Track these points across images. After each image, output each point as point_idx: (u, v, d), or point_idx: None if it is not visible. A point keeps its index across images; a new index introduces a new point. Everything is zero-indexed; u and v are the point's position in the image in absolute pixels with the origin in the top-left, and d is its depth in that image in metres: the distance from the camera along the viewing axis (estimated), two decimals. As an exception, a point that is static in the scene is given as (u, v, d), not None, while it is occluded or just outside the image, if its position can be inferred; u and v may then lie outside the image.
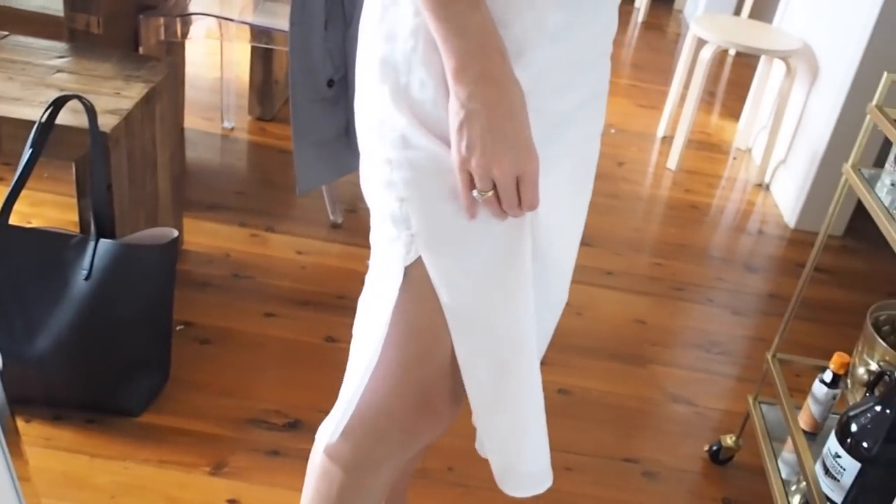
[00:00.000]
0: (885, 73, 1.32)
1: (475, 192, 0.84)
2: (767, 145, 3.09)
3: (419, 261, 0.92)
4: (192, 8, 2.35)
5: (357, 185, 1.05)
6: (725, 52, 4.51)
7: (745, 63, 4.17)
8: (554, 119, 0.89)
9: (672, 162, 3.17)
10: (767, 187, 3.14)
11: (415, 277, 0.93)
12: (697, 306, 2.42)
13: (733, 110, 3.79)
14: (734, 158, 3.40)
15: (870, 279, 2.67)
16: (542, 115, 0.86)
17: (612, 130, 3.40)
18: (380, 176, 0.91)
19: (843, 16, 2.78)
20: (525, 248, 0.91)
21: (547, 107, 0.87)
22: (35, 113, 1.53)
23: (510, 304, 0.95)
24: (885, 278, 2.67)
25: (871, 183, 1.39)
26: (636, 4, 5.07)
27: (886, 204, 1.32)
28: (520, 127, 0.82)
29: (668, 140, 3.36)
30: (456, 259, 0.92)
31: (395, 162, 0.88)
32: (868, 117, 1.34)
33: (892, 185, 1.33)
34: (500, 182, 0.83)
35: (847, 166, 1.41)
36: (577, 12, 0.86)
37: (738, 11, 4.70)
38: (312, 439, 1.10)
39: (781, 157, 3.07)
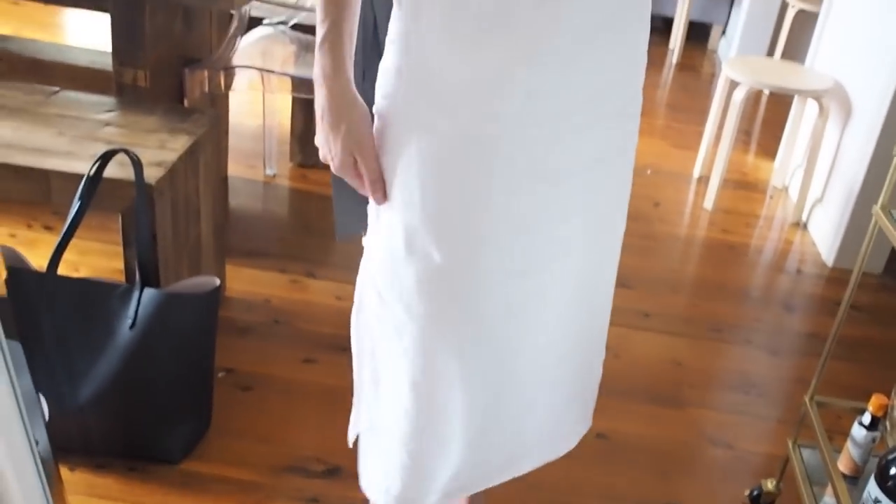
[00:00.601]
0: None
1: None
2: (803, 184, 3.08)
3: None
4: (235, 61, 2.42)
5: None
6: (760, 91, 4.52)
7: (780, 102, 4.17)
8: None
9: (708, 202, 3.17)
10: (805, 226, 3.14)
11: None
12: (735, 347, 2.42)
13: (769, 149, 3.79)
14: (771, 197, 3.40)
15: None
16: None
17: (648, 171, 3.42)
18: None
19: (873, 55, 2.79)
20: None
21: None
22: (84, 166, 1.59)
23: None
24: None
25: (903, 225, 1.40)
26: (670, 46, 5.10)
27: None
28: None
29: (704, 180, 3.37)
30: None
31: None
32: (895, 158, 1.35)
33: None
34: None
35: (876, 208, 1.42)
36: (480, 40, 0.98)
37: (770, 52, 4.72)
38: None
39: (818, 196, 3.07)
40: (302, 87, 2.62)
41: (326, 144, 1.11)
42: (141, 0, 1.98)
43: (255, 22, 2.64)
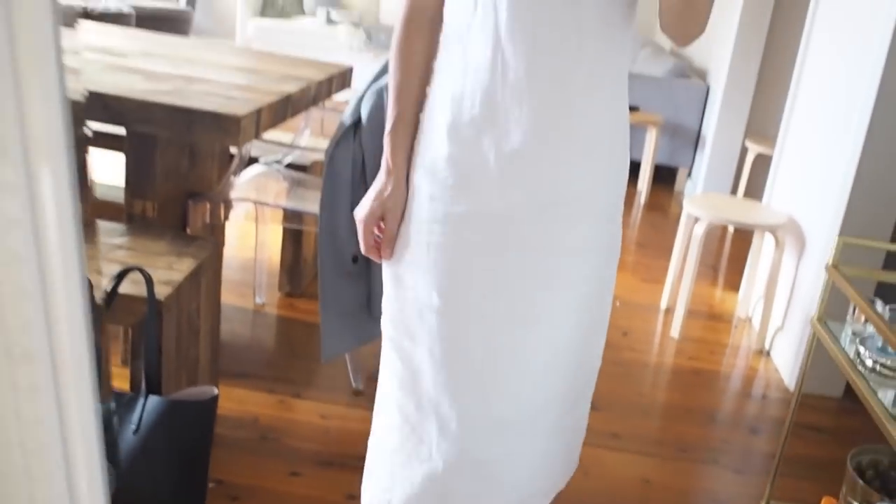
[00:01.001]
0: (837, 237, 1.53)
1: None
2: (764, 313, 3.28)
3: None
4: (233, 195, 2.62)
5: (377, 355, 1.41)
6: (725, 229, 4.78)
7: (744, 239, 4.42)
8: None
9: (675, 331, 3.35)
10: (768, 353, 3.31)
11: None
12: (702, 466, 2.54)
13: (734, 282, 3.99)
14: (735, 327, 3.58)
15: (868, 435, 2.79)
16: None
17: (618, 303, 3.60)
18: None
19: (821, 192, 3.03)
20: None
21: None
22: (100, 283, 1.75)
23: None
24: (882, 435, 2.78)
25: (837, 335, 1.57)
26: (639, 188, 5.39)
27: (849, 352, 1.50)
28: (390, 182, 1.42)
29: (670, 311, 3.55)
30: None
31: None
32: (826, 275, 1.54)
33: (854, 334, 1.51)
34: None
35: (813, 319, 1.60)
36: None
37: (734, 192, 5.02)
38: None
39: (779, 324, 3.26)
40: (292, 218, 2.82)
41: (364, 205, 1.44)
42: (153, 141, 2.19)
43: (251, 160, 2.86)
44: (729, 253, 4.60)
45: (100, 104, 1.96)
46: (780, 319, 3.26)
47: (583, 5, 1.24)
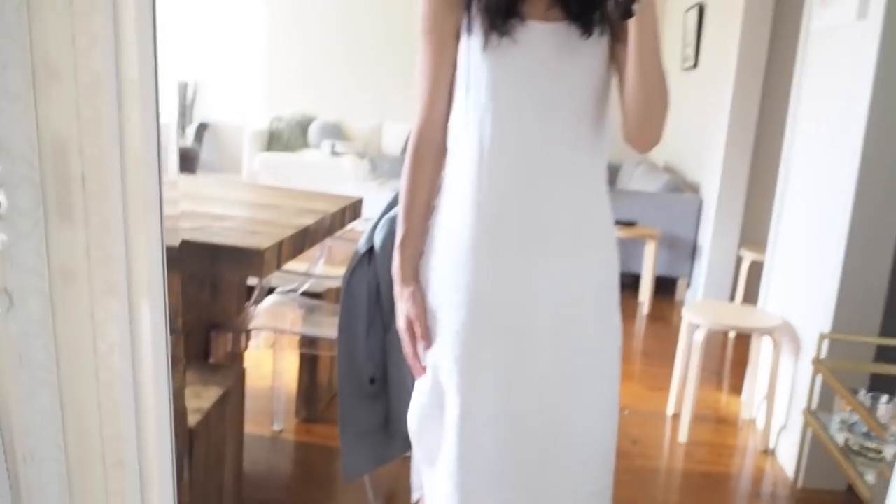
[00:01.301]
0: (820, 333, 1.66)
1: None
2: (767, 413, 3.37)
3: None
4: (253, 324, 2.77)
5: (395, 475, 1.61)
6: (726, 334, 4.91)
7: (744, 343, 4.53)
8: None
9: (682, 436, 3.44)
10: (773, 452, 3.39)
11: None
12: (717, 566, 2.61)
13: (737, 386, 4.09)
14: (741, 429, 3.67)
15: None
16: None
17: (626, 412, 3.70)
18: None
19: (811, 294, 3.18)
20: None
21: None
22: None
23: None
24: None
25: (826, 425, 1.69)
26: (640, 299, 5.53)
27: (839, 440, 1.62)
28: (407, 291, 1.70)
29: (677, 417, 3.64)
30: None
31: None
32: (812, 368, 1.67)
33: (842, 422, 1.63)
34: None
35: (804, 410, 1.72)
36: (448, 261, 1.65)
37: (732, 298, 5.17)
38: None
39: (782, 423, 3.35)
40: (309, 344, 2.96)
41: (398, 321, 1.74)
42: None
43: (269, 290, 3.03)
44: (731, 358, 4.71)
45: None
46: (783, 418, 3.35)
47: (555, 126, 1.55)
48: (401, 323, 1.73)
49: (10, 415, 0.82)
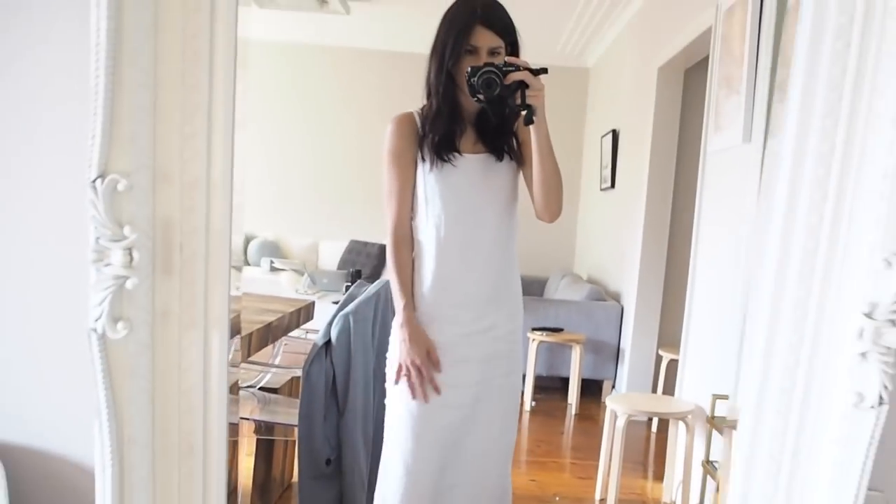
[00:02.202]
0: (712, 394, 2.03)
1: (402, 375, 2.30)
2: (684, 494, 3.73)
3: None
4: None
5: None
6: (649, 429, 5.30)
7: (667, 436, 4.92)
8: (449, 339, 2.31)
9: (609, 518, 3.77)
10: (692, 530, 3.73)
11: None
12: None
13: (659, 473, 4.45)
14: (662, 511, 4.02)
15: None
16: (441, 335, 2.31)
17: (557, 499, 4.02)
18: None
19: (722, 382, 3.59)
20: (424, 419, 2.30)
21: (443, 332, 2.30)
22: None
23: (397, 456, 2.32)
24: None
25: None
26: (569, 401, 5.90)
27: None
28: (415, 336, 2.26)
29: (604, 501, 3.98)
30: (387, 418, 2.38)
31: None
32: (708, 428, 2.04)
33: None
34: (409, 367, 2.26)
35: (703, 461, 2.08)
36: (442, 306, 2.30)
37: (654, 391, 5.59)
38: None
39: (697, 502, 3.71)
40: (265, 430, 3.25)
41: (405, 360, 2.26)
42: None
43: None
44: (654, 449, 5.09)
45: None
46: (696, 500, 3.71)
47: (497, 228, 2.30)
48: (419, 359, 2.25)
49: (122, 410, 1.18)
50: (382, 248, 8.24)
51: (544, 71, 2.08)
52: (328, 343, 2.90)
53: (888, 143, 1.14)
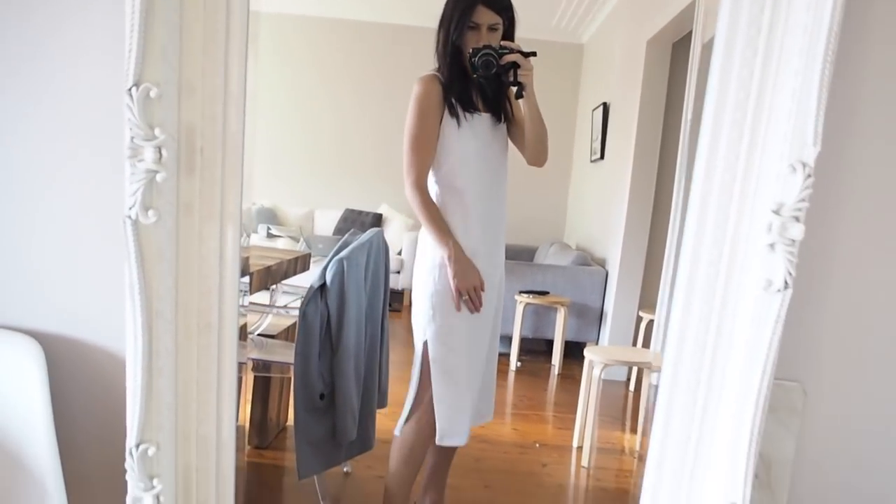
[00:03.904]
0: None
1: (462, 300, 2.64)
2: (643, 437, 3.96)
3: (436, 339, 2.70)
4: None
5: (341, 483, 2.10)
6: (627, 386, 5.53)
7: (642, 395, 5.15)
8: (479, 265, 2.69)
9: (585, 461, 4.00)
10: (661, 473, 3.96)
11: (429, 345, 2.70)
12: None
13: (635, 426, 4.69)
14: (638, 458, 4.25)
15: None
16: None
17: (537, 445, 4.25)
18: (423, 309, 2.72)
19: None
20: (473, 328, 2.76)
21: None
22: None
23: (464, 354, 2.75)
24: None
25: None
26: (553, 362, 6.14)
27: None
28: (470, 268, 2.62)
29: (581, 449, 4.21)
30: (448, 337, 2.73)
31: (437, 300, 2.69)
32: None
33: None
34: (470, 294, 2.63)
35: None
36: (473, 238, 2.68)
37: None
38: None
39: (668, 448, 3.93)
40: (262, 368, 3.47)
41: (467, 286, 2.61)
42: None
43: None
44: (631, 406, 5.32)
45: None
46: (669, 444, 3.94)
47: (502, 181, 2.74)
48: (476, 282, 2.63)
49: (150, 286, 1.40)
50: (377, 216, 8.47)
51: (533, 54, 2.51)
52: (323, 286, 3.08)
53: (794, 70, 1.36)
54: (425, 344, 2.72)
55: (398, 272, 7.83)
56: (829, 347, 1.80)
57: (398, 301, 7.57)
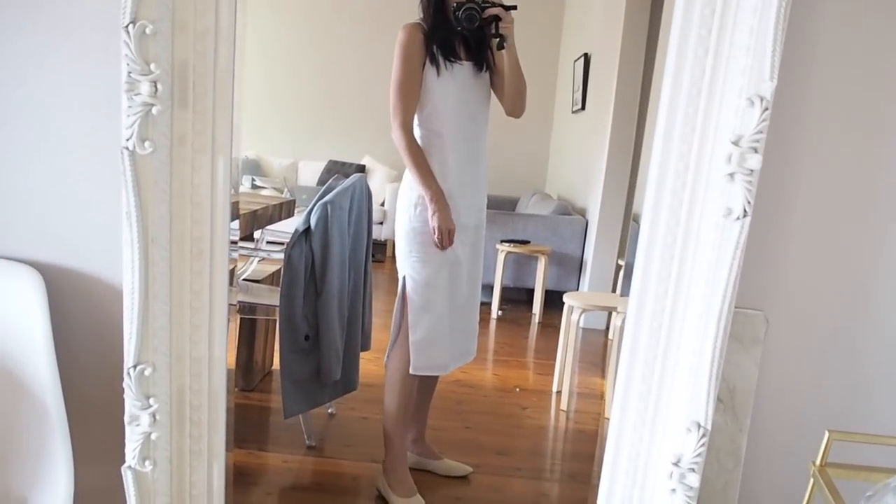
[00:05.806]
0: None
1: (436, 238, 2.75)
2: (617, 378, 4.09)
3: (413, 272, 2.83)
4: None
5: (325, 423, 2.18)
6: (606, 335, 5.65)
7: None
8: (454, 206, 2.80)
9: (563, 405, 4.12)
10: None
11: (408, 280, 2.83)
12: (584, 486, 3.27)
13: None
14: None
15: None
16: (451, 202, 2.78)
17: (517, 389, 4.37)
18: (402, 245, 2.84)
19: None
20: (449, 263, 2.87)
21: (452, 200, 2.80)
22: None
23: (438, 288, 2.85)
24: None
25: None
26: (533, 311, 6.25)
27: None
28: (447, 210, 2.73)
29: (560, 394, 4.33)
30: (423, 270, 2.84)
31: (413, 236, 2.81)
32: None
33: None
34: (443, 233, 2.73)
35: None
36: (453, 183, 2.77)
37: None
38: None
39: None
40: (248, 311, 3.56)
41: (442, 226, 2.72)
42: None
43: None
44: (614, 355, 5.45)
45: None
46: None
47: (482, 128, 2.83)
48: (448, 226, 2.74)
49: (146, 213, 1.50)
50: (360, 167, 8.52)
51: (514, 7, 2.64)
52: (308, 230, 3.15)
53: (752, 7, 1.44)
54: (404, 279, 2.85)
55: (381, 223, 7.91)
56: (791, 277, 1.90)
57: (381, 252, 7.65)
